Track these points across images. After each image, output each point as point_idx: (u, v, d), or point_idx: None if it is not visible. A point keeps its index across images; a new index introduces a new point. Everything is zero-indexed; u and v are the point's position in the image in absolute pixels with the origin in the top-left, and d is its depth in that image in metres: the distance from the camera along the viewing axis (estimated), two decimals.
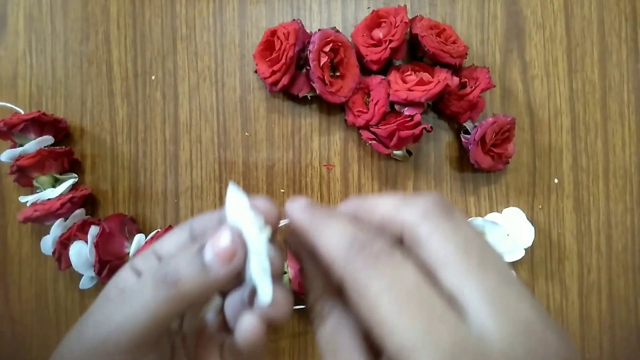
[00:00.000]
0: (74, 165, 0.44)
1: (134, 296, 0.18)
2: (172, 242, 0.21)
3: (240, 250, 0.18)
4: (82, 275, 0.41)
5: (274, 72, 0.39)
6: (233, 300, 0.21)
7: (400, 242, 0.18)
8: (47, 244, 0.41)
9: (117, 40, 0.44)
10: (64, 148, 0.42)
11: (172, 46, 0.44)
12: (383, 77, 0.41)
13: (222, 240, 0.18)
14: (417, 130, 0.39)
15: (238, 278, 0.19)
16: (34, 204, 0.40)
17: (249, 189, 0.43)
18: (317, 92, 0.40)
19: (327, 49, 0.39)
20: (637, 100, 0.44)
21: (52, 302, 0.44)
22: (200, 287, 0.18)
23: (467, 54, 0.41)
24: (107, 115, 0.44)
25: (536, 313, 0.14)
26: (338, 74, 0.41)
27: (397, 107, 0.40)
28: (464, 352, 0.13)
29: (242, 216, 0.19)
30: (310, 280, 0.20)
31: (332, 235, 0.17)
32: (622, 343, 0.43)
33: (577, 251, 0.44)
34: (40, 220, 0.40)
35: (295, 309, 0.41)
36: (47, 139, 0.41)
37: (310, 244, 0.18)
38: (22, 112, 0.41)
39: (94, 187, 0.44)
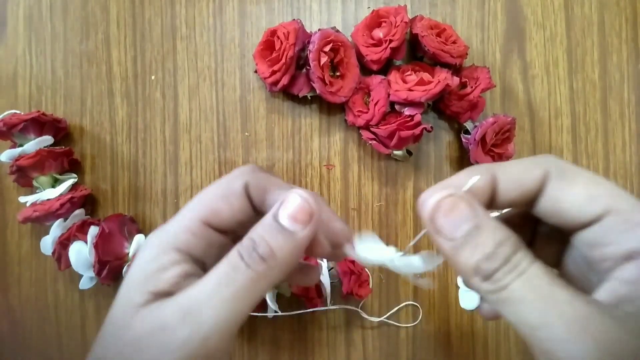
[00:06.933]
0: (73, 165, 0.44)
1: (230, 282, 0.17)
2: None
3: (315, 207, 0.18)
4: (82, 275, 0.41)
5: (274, 72, 0.39)
6: None
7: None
8: (47, 244, 0.41)
9: (117, 40, 0.44)
10: (64, 148, 0.42)
11: (172, 46, 0.44)
12: (383, 77, 0.41)
13: (294, 203, 0.18)
14: (417, 130, 0.39)
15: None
16: (33, 204, 0.40)
17: None
18: (317, 92, 0.40)
19: (327, 48, 0.39)
20: (638, 100, 0.44)
21: (52, 302, 0.44)
22: (292, 254, 0.18)
23: (467, 54, 0.41)
24: (106, 115, 0.44)
25: None
26: (338, 74, 0.41)
27: (397, 107, 0.40)
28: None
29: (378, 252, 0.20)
30: None
31: None
32: None
33: None
34: (40, 220, 0.40)
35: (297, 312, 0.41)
36: (47, 139, 0.41)
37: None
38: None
39: (93, 187, 0.44)
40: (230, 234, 0.20)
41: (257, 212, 0.20)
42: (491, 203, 0.19)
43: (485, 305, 0.23)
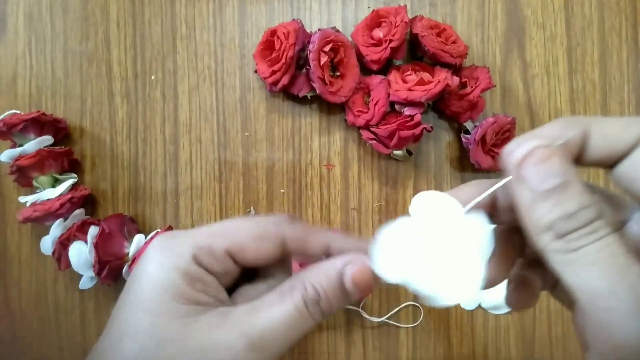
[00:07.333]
0: (73, 165, 0.44)
1: (296, 327, 0.19)
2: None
3: (375, 276, 0.19)
4: (82, 275, 0.41)
5: (274, 72, 0.39)
6: None
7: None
8: (47, 244, 0.41)
9: (117, 40, 0.44)
10: (64, 148, 0.42)
11: (172, 46, 0.44)
12: (383, 76, 0.41)
13: (362, 270, 0.19)
14: (417, 130, 0.39)
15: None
16: (33, 204, 0.40)
17: (249, 189, 0.43)
18: (317, 92, 0.40)
19: (327, 48, 0.39)
20: (638, 100, 0.44)
21: (52, 302, 0.44)
22: (338, 309, 0.20)
23: (467, 54, 0.41)
24: (106, 115, 0.44)
25: None
26: (338, 73, 0.41)
27: (397, 107, 0.40)
28: None
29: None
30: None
31: None
32: None
33: None
34: (40, 220, 0.40)
35: None
36: (47, 139, 0.41)
37: None
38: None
39: (93, 187, 0.44)
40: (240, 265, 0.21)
41: (285, 254, 0.22)
42: (578, 158, 0.18)
43: (513, 294, 0.22)
